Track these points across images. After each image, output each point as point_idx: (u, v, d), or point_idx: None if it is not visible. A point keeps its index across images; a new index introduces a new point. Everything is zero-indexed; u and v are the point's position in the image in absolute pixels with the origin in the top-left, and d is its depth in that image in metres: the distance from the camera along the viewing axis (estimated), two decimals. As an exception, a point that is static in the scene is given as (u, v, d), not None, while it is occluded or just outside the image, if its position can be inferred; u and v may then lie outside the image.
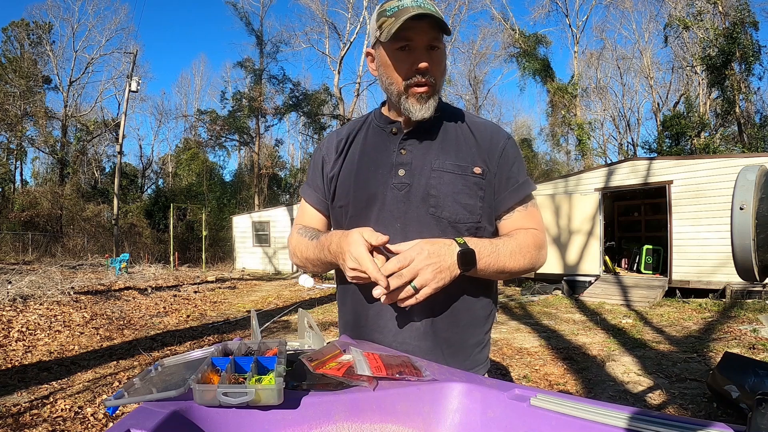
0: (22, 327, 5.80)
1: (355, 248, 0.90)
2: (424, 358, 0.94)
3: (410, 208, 1.03)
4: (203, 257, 19.85)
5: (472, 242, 0.95)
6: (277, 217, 17.64)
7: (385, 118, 1.13)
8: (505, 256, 0.98)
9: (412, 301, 0.90)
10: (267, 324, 6.91)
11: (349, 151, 1.14)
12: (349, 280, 0.95)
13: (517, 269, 1.01)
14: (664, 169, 9.58)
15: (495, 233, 1.10)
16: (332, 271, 1.19)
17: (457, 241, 0.93)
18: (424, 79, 1.00)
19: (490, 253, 0.96)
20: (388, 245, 0.93)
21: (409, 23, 0.95)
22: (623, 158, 16.25)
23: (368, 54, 1.10)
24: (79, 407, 3.45)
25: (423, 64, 0.99)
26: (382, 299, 0.90)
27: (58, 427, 3.10)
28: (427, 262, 0.89)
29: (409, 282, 0.89)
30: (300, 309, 1.27)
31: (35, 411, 3.35)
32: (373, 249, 0.92)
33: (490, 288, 1.10)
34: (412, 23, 0.95)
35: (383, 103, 1.16)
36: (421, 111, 1.02)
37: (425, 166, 1.05)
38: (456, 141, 1.08)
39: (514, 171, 1.08)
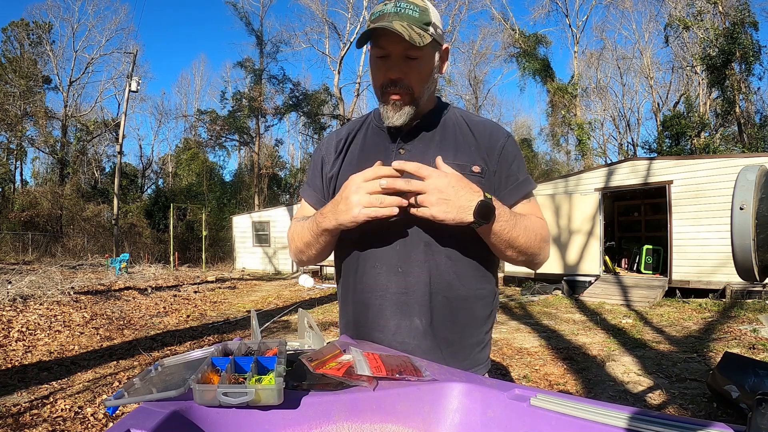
0: (22, 327, 5.80)
1: (352, 183, 0.92)
2: (424, 357, 0.94)
3: (409, 208, 1.03)
4: (203, 257, 19.85)
5: (497, 203, 0.94)
6: (277, 217, 17.65)
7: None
8: (521, 228, 0.98)
9: (413, 211, 0.91)
10: (267, 324, 6.91)
11: (349, 151, 1.14)
12: (364, 218, 0.92)
13: (525, 248, 1.00)
14: (664, 169, 9.58)
15: None
16: (332, 271, 1.19)
17: (485, 194, 0.92)
18: (397, 89, 1.01)
19: (507, 219, 0.95)
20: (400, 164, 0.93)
21: (382, 31, 0.95)
22: (623, 158, 16.26)
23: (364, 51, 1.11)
24: (79, 407, 3.45)
25: (394, 76, 1.00)
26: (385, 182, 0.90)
27: (58, 427, 3.10)
28: (440, 186, 0.89)
29: (415, 193, 0.90)
30: (300, 309, 1.27)
31: (35, 411, 3.35)
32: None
33: (491, 287, 1.10)
34: (386, 31, 0.94)
35: None
36: (393, 118, 1.03)
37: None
38: (455, 140, 1.08)
39: (514, 169, 1.08)
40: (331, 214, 0.97)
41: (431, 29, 0.97)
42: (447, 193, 0.89)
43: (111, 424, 0.96)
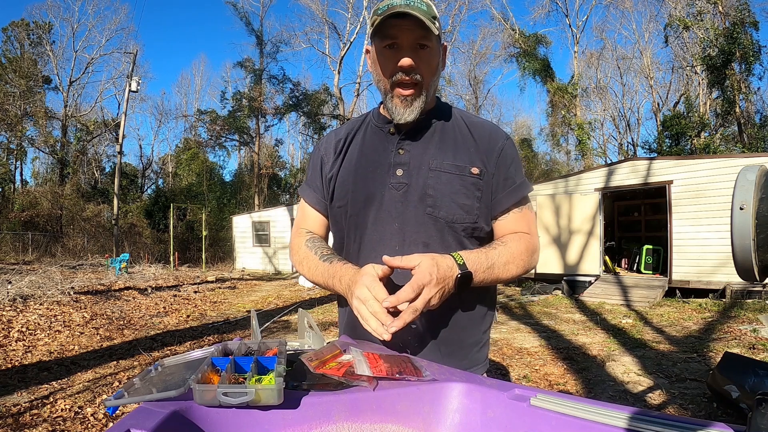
0: (22, 327, 5.79)
1: (360, 291, 0.88)
2: (423, 357, 0.94)
3: (408, 208, 1.03)
4: (203, 257, 19.85)
5: (470, 261, 0.94)
6: (277, 217, 17.64)
7: (383, 118, 1.13)
8: (500, 268, 0.99)
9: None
10: (267, 324, 6.91)
11: (348, 151, 1.14)
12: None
13: (509, 278, 1.03)
14: (664, 169, 9.58)
15: (491, 232, 1.10)
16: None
17: (456, 262, 0.92)
18: (408, 78, 0.99)
19: (485, 269, 0.96)
20: (388, 260, 0.90)
21: (394, 21, 0.95)
22: (623, 158, 16.25)
23: (367, 51, 1.11)
24: (79, 407, 3.45)
25: (405, 61, 0.98)
26: (386, 336, 0.84)
27: (58, 427, 3.10)
28: (435, 289, 0.87)
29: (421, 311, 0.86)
30: (300, 309, 1.27)
31: (35, 411, 3.35)
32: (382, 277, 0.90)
33: (488, 287, 1.10)
34: (398, 21, 0.95)
35: (381, 103, 1.15)
36: (404, 114, 1.02)
37: (423, 165, 1.05)
38: (454, 141, 1.08)
39: (512, 172, 1.08)
40: (345, 292, 0.96)
41: (437, 23, 0.98)
42: (440, 291, 0.88)
43: (111, 424, 0.96)
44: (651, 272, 10.67)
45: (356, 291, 0.89)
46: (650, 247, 10.95)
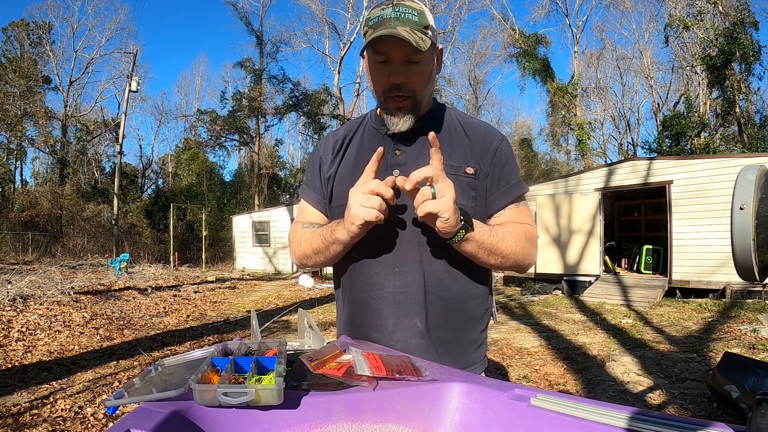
0: (22, 327, 5.80)
1: (354, 192, 0.94)
2: (420, 356, 0.95)
3: (404, 208, 1.04)
4: (203, 257, 19.85)
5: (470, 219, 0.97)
6: (277, 217, 17.64)
7: (380, 120, 1.14)
8: (497, 236, 0.99)
9: (424, 210, 0.88)
10: (267, 324, 6.91)
11: (346, 153, 1.15)
12: (362, 228, 0.93)
13: (508, 253, 1.01)
14: (664, 169, 9.58)
15: None
16: (332, 270, 1.20)
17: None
18: (400, 92, 1.01)
19: (481, 226, 0.97)
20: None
21: (385, 38, 0.95)
22: (623, 158, 16.25)
23: (362, 55, 1.11)
24: (79, 407, 3.45)
25: (396, 79, 0.99)
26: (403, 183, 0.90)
27: (58, 427, 3.10)
28: (450, 192, 0.89)
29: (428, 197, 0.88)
30: (300, 309, 1.27)
31: (35, 411, 3.35)
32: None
33: (486, 286, 1.11)
34: (389, 37, 0.95)
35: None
36: (398, 125, 1.04)
37: (419, 166, 1.05)
38: (449, 141, 1.09)
39: (506, 172, 1.09)
40: (344, 223, 0.97)
41: (429, 32, 0.98)
42: (453, 197, 0.90)
43: (111, 424, 0.96)
44: (651, 272, 10.67)
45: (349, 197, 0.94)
46: (650, 247, 10.95)
